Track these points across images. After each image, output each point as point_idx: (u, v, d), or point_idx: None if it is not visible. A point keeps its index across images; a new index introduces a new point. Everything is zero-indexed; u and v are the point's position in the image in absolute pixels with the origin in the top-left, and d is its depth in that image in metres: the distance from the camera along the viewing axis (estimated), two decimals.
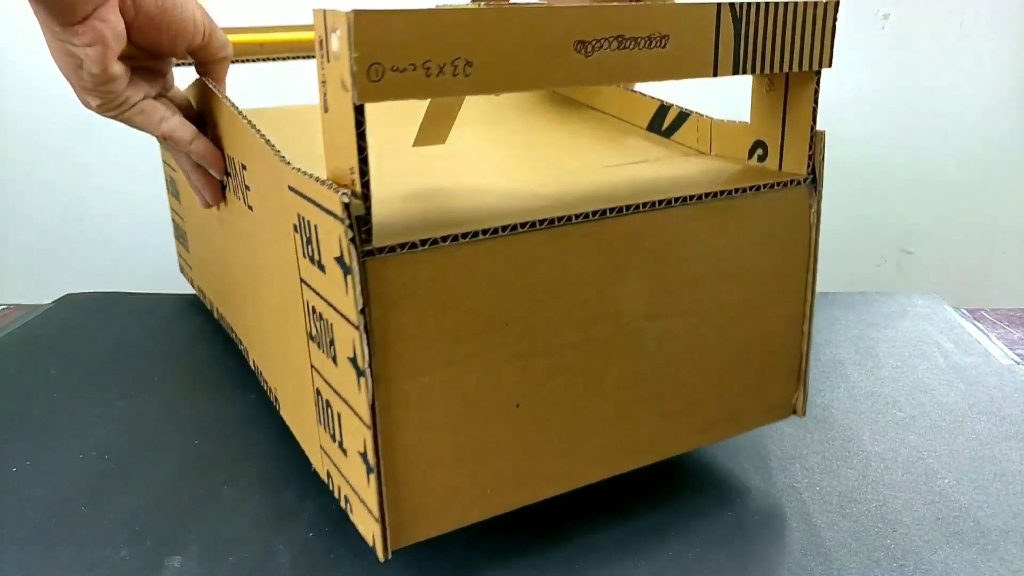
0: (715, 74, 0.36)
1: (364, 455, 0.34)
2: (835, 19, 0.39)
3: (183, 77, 0.64)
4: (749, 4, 0.36)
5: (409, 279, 0.32)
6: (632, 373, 0.39)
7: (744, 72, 0.37)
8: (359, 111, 0.29)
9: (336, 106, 0.31)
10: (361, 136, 0.30)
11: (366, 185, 0.31)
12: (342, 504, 0.39)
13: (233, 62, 0.66)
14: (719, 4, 0.35)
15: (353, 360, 0.33)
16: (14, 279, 0.95)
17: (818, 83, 0.40)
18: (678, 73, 0.35)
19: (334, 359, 0.35)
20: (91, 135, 0.89)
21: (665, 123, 0.52)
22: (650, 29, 0.34)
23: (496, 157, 0.47)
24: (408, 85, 0.29)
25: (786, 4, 0.37)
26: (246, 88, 0.65)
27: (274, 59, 0.68)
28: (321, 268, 0.35)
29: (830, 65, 0.39)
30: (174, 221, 0.73)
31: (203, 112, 0.50)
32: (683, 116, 0.50)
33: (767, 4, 0.37)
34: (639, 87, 0.55)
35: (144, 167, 0.89)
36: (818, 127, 0.41)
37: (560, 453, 0.38)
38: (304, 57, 0.69)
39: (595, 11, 0.32)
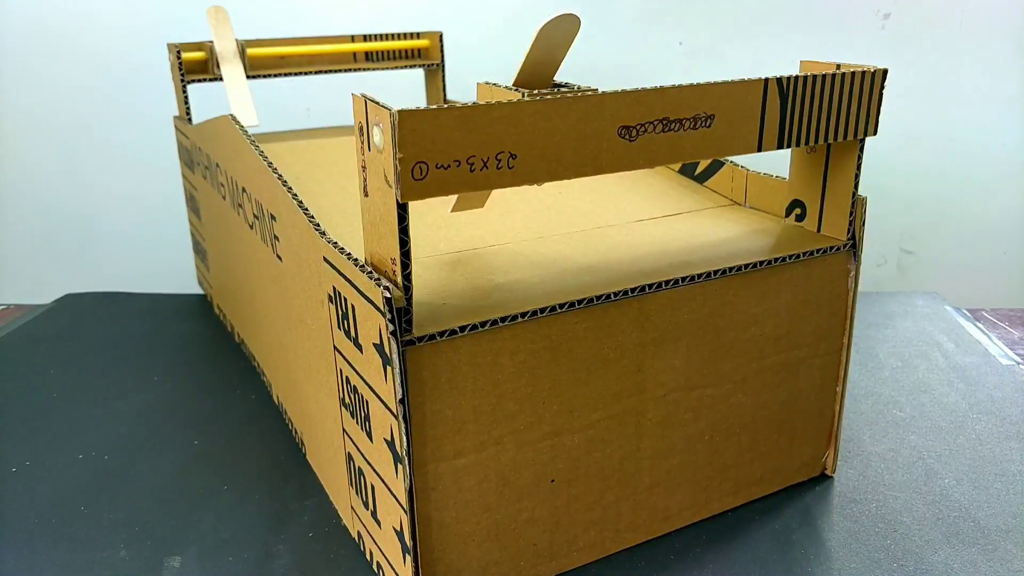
0: (759, 150, 0.35)
1: (400, 534, 0.34)
2: (882, 87, 0.38)
3: (198, 92, 0.64)
4: (797, 77, 0.35)
5: (448, 366, 0.32)
6: (667, 443, 0.39)
7: (788, 147, 0.36)
8: (402, 207, 0.29)
9: (377, 196, 0.30)
10: (404, 231, 0.30)
11: (407, 277, 0.30)
12: (374, 568, 0.39)
13: (255, 76, 0.66)
14: (766, 80, 0.34)
15: (391, 444, 0.33)
16: (14, 279, 0.95)
17: (861, 150, 0.39)
18: (722, 151, 0.35)
19: (369, 435, 0.35)
20: (91, 134, 0.89)
21: (698, 168, 0.51)
22: (696, 109, 0.33)
23: (528, 209, 0.46)
24: (452, 181, 0.29)
25: (834, 76, 0.36)
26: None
27: (296, 74, 0.68)
28: (358, 347, 0.34)
29: (875, 133, 0.38)
30: (193, 237, 0.73)
31: (229, 152, 0.49)
32: (717, 164, 0.49)
33: (815, 76, 0.36)
34: None
35: (145, 167, 0.89)
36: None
37: (593, 522, 0.38)
38: (327, 72, 0.69)
39: (639, 95, 0.31)
